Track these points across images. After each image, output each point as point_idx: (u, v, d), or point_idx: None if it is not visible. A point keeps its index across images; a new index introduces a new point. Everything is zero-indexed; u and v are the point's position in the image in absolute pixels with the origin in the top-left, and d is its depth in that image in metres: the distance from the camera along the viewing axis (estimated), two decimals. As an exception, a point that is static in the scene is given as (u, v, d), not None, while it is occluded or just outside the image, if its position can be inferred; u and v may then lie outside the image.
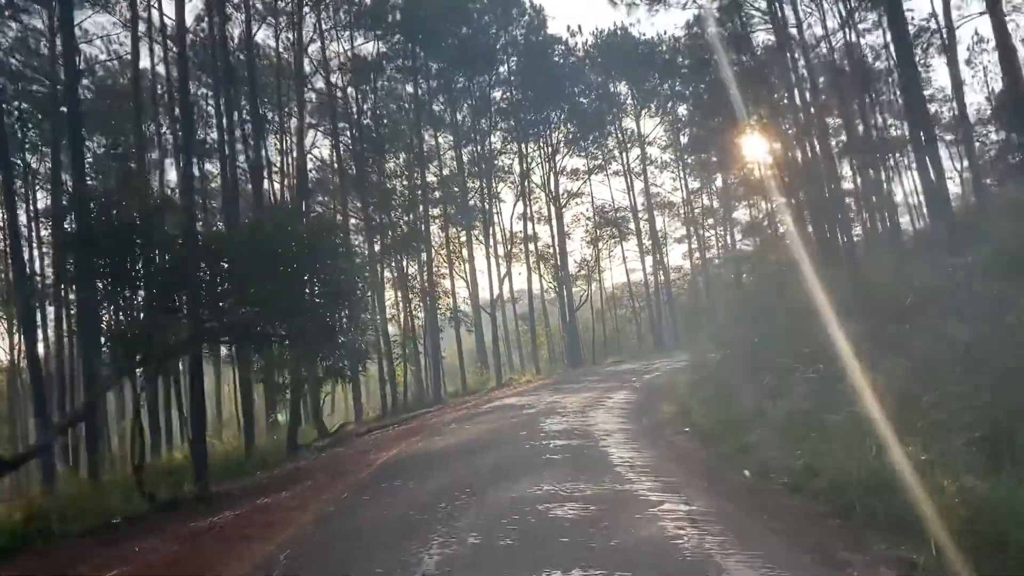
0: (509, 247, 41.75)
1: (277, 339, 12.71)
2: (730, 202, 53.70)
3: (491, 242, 39.70)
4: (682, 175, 53.00)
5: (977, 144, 33.37)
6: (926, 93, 29.81)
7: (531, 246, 42.87)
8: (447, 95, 40.60)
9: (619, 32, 48.15)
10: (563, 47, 44.44)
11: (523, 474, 9.35)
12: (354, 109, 32.69)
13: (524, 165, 42.77)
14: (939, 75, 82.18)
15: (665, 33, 48.55)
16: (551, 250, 43.37)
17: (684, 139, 52.19)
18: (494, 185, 41.11)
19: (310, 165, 29.48)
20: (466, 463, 10.79)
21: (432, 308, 29.81)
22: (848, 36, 34.53)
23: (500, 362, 36.07)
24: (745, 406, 12.21)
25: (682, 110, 50.39)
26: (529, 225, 43.02)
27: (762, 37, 38.85)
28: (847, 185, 35.78)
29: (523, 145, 43.12)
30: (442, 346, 38.19)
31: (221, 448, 16.29)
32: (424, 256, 30.33)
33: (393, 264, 30.32)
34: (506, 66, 42.82)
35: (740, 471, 8.80)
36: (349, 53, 31.94)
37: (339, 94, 33.29)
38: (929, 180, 20.26)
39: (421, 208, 31.21)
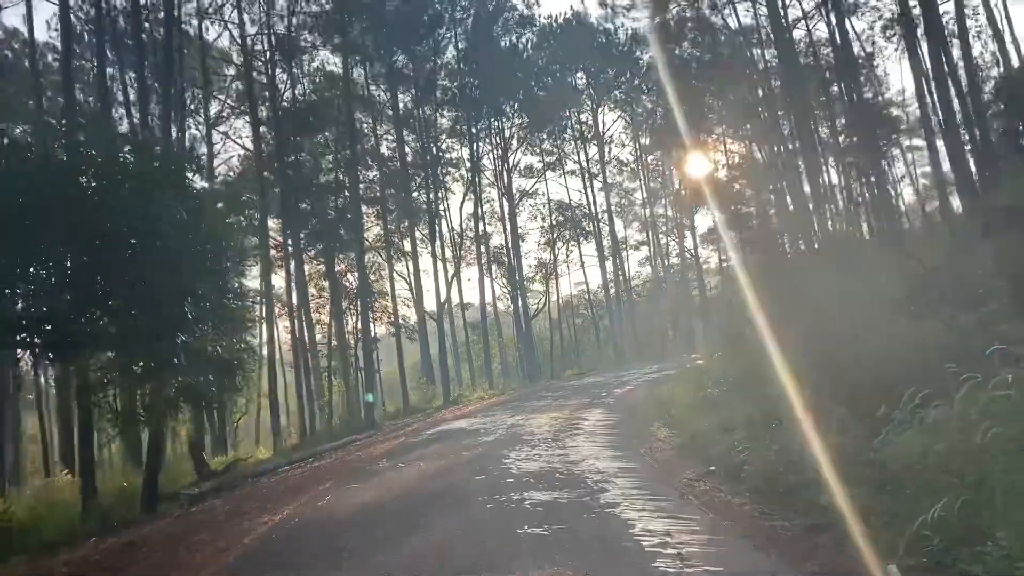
0: (459, 249, 37.33)
1: (94, 341, 8.14)
2: (691, 205, 50.69)
3: (437, 241, 35.24)
4: (643, 175, 49.67)
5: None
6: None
7: (482, 247, 38.57)
8: (388, 81, 36.06)
9: (574, 20, 44.68)
10: (517, 15, 40.19)
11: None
12: (282, 93, 27.95)
13: (473, 152, 38.47)
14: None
15: (623, 26, 45.16)
16: (504, 251, 39.03)
17: (644, 139, 48.95)
18: (440, 175, 36.67)
19: (232, 154, 24.74)
20: (389, 548, 6.39)
21: (364, 312, 24.87)
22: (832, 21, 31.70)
23: (448, 376, 31.47)
24: (804, 440, 8.15)
25: (643, 103, 47.09)
26: (480, 224, 38.74)
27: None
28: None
29: (473, 132, 38.81)
30: (380, 359, 33.42)
31: (46, 498, 11.42)
32: (355, 251, 25.28)
33: (316, 258, 25.30)
34: (454, 48, 38.66)
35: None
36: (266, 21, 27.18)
37: (262, 76, 28.46)
38: (957, 163, 17.69)
39: (348, 193, 26.30)
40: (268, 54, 28.25)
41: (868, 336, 10.08)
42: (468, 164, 38.44)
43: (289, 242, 23.26)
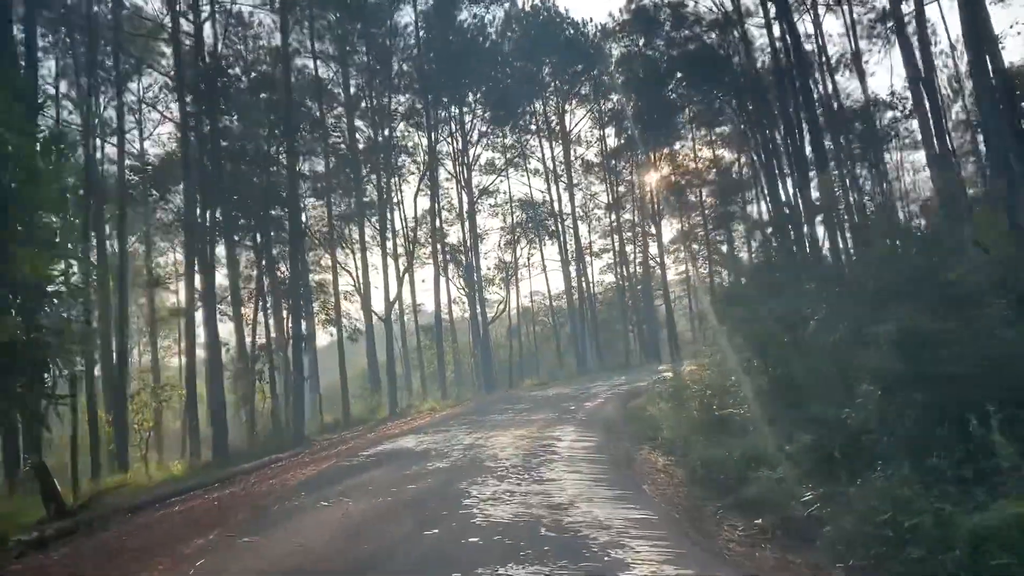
0: (411, 244, 33.99)
1: None
2: (656, 211, 48.47)
3: (388, 235, 31.88)
4: (608, 178, 47.28)
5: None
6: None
7: (439, 245, 35.39)
8: (338, 62, 32.75)
9: (543, 12, 42.15)
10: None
11: None
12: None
13: (431, 140, 35.26)
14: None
15: (592, 20, 42.91)
16: (462, 249, 35.83)
17: (612, 141, 46.65)
18: (393, 163, 33.39)
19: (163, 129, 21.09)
20: None
21: (297, 308, 21.17)
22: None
23: (396, 384, 28.05)
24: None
25: (612, 101, 44.81)
26: (437, 220, 35.49)
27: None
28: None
29: (432, 120, 35.67)
30: (322, 364, 29.97)
31: None
32: (290, 234, 21.38)
33: (242, 242, 21.54)
34: (413, 25, 35.54)
35: None
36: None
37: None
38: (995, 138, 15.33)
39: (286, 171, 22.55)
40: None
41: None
42: (425, 150, 35.23)
43: (218, 229, 19.65)
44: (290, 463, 14.03)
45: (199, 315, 20.39)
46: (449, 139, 38.92)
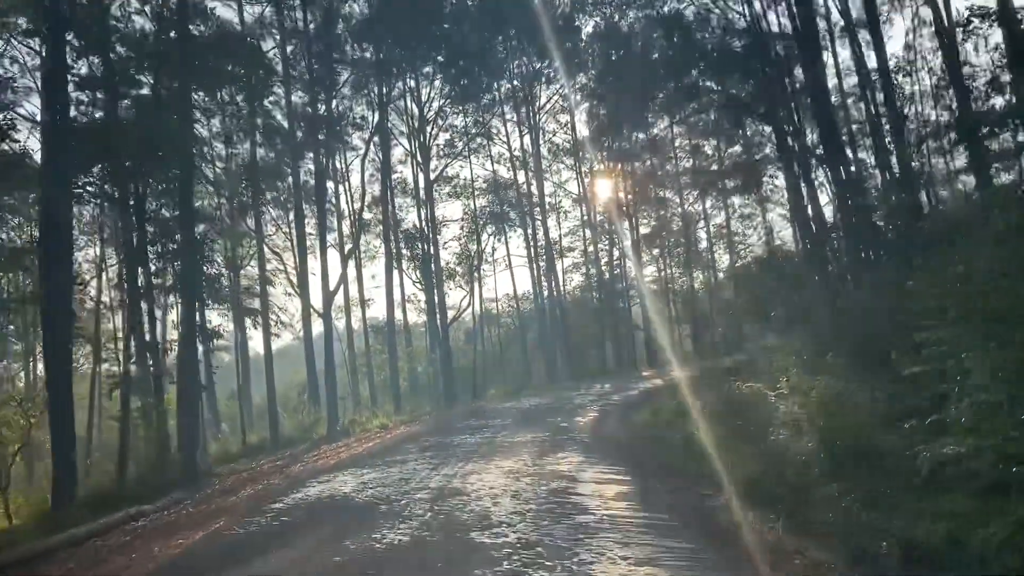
0: (356, 226, 28.70)
1: None
2: (630, 206, 44.37)
3: (330, 207, 26.51)
4: (579, 168, 43.06)
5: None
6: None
7: (391, 233, 30.32)
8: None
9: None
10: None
11: None
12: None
13: (382, 98, 30.07)
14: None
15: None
16: (418, 236, 30.56)
17: (582, 127, 42.47)
18: (339, 131, 28.11)
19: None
20: None
21: (189, 291, 14.52)
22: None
23: (337, 395, 22.65)
24: None
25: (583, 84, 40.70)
26: (389, 195, 30.32)
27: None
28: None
29: (382, 88, 30.65)
30: (261, 371, 24.59)
31: None
32: (180, 181, 14.94)
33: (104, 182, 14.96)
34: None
35: None
36: None
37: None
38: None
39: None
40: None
41: None
42: (376, 109, 29.75)
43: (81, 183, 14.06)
44: (152, 525, 8.93)
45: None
46: (404, 114, 34.02)
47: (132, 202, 14.25)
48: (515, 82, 39.93)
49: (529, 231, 38.37)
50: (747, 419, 10.79)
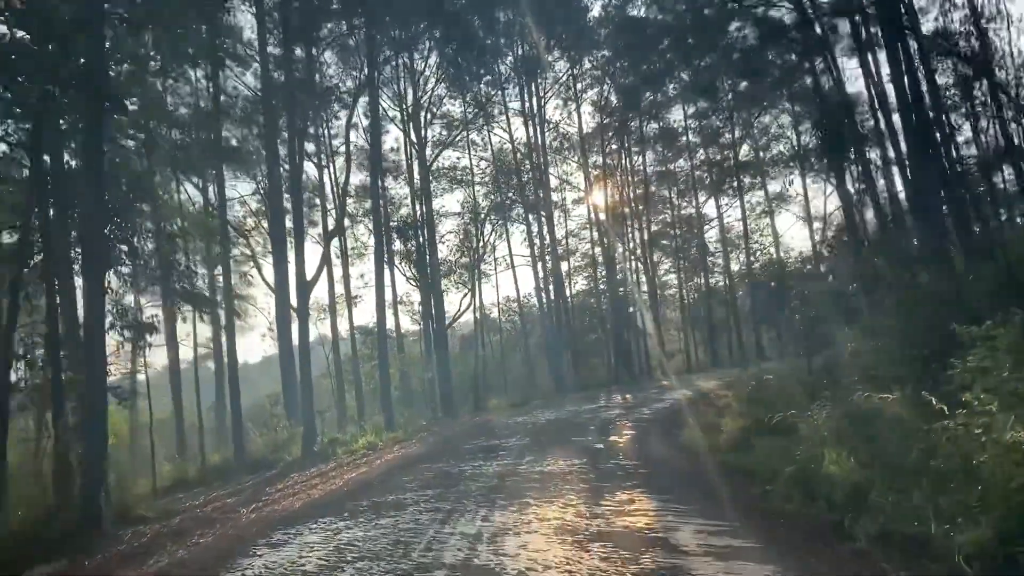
0: (339, 214, 24.95)
1: None
2: (641, 200, 40.96)
3: (310, 199, 22.92)
4: (584, 159, 39.56)
5: None
6: None
7: (381, 223, 26.69)
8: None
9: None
10: None
11: None
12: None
13: (373, 78, 26.51)
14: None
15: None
16: (412, 225, 26.80)
17: (588, 119, 39.08)
18: (323, 108, 24.44)
19: None
20: None
21: (90, 262, 9.99)
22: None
23: (314, 408, 18.76)
24: None
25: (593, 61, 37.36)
26: (379, 182, 26.65)
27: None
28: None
29: (373, 58, 27.09)
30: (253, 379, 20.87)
31: None
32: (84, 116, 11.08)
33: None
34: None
35: None
36: None
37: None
38: None
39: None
40: None
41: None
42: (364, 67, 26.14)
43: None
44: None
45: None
46: (397, 91, 30.52)
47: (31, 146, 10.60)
48: (518, 64, 36.54)
49: (534, 228, 34.94)
50: (907, 446, 7.29)
